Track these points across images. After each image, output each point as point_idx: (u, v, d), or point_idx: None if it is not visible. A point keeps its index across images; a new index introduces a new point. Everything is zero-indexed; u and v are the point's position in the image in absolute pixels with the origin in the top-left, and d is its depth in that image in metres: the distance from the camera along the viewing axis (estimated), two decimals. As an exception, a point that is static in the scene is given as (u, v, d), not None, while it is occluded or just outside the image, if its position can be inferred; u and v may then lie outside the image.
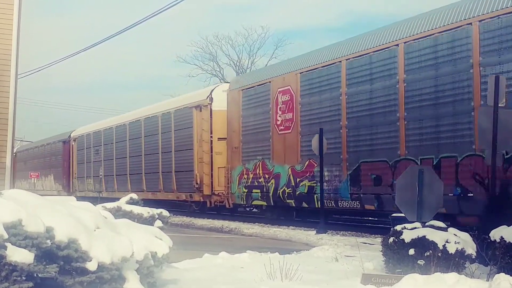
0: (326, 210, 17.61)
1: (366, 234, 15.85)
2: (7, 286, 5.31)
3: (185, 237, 15.08)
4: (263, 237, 16.43)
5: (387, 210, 14.96)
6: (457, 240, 8.17)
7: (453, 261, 7.97)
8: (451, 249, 8.04)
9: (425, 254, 8.03)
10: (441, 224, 8.73)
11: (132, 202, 12.27)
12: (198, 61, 56.31)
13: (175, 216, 22.57)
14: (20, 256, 5.32)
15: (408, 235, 8.36)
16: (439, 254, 7.95)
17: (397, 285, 7.11)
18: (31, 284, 5.41)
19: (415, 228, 8.56)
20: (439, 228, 8.55)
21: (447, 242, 8.10)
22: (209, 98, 24.33)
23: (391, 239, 8.60)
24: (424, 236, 8.20)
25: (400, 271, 8.13)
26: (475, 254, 8.26)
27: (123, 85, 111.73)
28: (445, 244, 8.07)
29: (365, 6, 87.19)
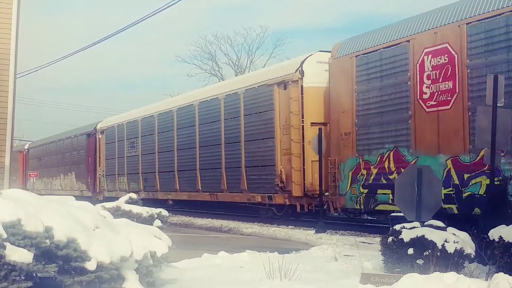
0: None
1: (365, 234, 15.84)
2: (6, 286, 5.31)
3: (184, 237, 15.09)
4: (262, 237, 16.43)
5: None
6: (456, 240, 8.18)
7: (452, 261, 7.98)
8: (450, 249, 8.05)
9: (424, 254, 8.04)
10: (440, 224, 8.75)
11: (131, 202, 12.28)
12: (197, 61, 56.27)
13: (174, 216, 22.55)
14: (19, 256, 5.32)
15: (407, 235, 8.37)
16: (438, 254, 7.96)
17: (396, 285, 7.11)
18: (30, 284, 5.41)
19: (414, 228, 8.57)
20: (438, 228, 8.56)
21: (446, 242, 8.11)
22: (299, 72, 18.77)
23: (390, 239, 8.61)
24: (423, 236, 8.21)
25: (399, 271, 8.13)
26: (474, 254, 8.27)
27: (122, 85, 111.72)
28: (444, 244, 8.08)
29: (365, 6, 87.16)
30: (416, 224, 8.76)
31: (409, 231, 8.45)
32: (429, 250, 8.01)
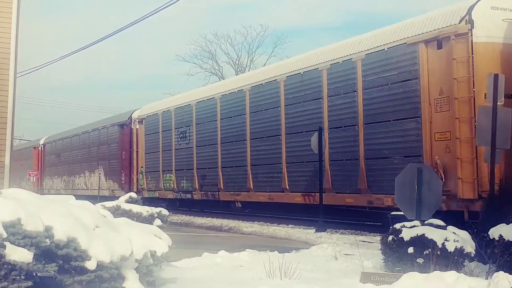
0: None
1: (365, 233, 15.82)
2: (6, 285, 5.31)
3: (185, 236, 15.09)
4: (262, 236, 16.42)
5: None
6: (456, 239, 8.18)
7: (452, 259, 7.98)
8: (450, 247, 8.05)
9: (424, 253, 8.04)
10: (440, 223, 8.75)
11: (131, 201, 12.28)
12: (197, 60, 56.22)
13: (174, 215, 22.51)
14: (19, 255, 5.32)
15: (407, 234, 8.38)
16: (438, 252, 7.96)
17: (396, 284, 7.11)
18: (30, 283, 5.41)
19: (414, 227, 8.57)
20: (438, 227, 8.57)
21: (446, 241, 8.11)
22: (466, 21, 13.26)
23: (390, 238, 8.61)
24: (423, 235, 8.22)
25: (399, 269, 8.14)
26: (474, 252, 8.28)
27: (121, 84, 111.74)
28: (444, 243, 8.09)
29: (364, 7, 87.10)
30: (416, 223, 8.76)
31: (409, 230, 8.45)
32: (429, 249, 8.02)
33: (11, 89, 12.80)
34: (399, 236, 8.44)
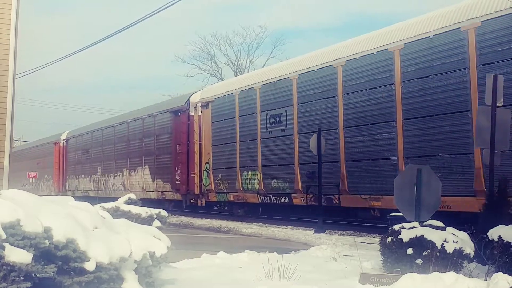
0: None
1: (364, 234, 15.84)
2: (5, 286, 5.31)
3: (184, 237, 15.08)
4: (262, 237, 16.43)
5: None
6: (455, 240, 8.18)
7: (451, 261, 7.98)
8: (449, 249, 8.05)
9: (423, 254, 8.04)
10: (439, 224, 8.75)
11: (131, 202, 12.27)
12: (196, 61, 56.40)
13: (174, 216, 22.50)
14: (18, 256, 5.32)
15: (406, 235, 8.38)
16: (437, 254, 7.96)
17: (395, 285, 7.11)
18: (29, 284, 5.41)
19: (413, 228, 8.57)
20: (437, 228, 8.57)
21: (445, 242, 8.12)
22: None
23: (389, 239, 8.61)
24: (422, 236, 8.22)
25: (398, 271, 8.14)
26: (473, 254, 8.28)
27: (121, 85, 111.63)
28: (443, 244, 8.09)
29: (364, 8, 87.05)
30: (415, 224, 8.76)
31: (408, 231, 8.45)
32: (428, 250, 8.02)
33: (10, 90, 12.80)
34: (398, 237, 8.45)
